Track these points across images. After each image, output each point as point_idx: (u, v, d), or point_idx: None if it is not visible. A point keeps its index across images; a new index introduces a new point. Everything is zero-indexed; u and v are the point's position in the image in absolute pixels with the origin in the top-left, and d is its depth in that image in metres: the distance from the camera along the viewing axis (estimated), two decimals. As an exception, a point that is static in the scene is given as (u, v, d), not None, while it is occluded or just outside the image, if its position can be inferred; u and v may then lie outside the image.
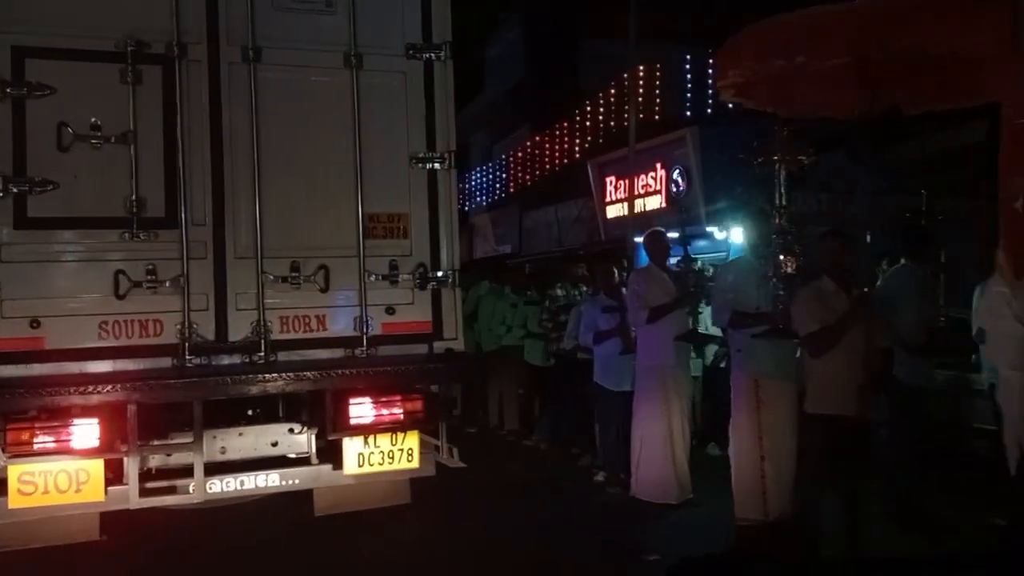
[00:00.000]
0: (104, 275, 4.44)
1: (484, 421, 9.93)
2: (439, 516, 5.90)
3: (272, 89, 4.73)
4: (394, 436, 4.91)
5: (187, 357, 4.53)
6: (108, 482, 4.46)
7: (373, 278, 4.86)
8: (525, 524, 6.01)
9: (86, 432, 4.35)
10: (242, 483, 4.73)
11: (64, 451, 4.34)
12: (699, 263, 8.84)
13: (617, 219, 17.22)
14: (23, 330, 4.33)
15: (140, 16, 4.52)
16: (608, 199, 17.75)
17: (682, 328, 6.54)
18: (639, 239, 8.44)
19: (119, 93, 4.45)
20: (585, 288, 8.72)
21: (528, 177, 22.55)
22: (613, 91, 18.48)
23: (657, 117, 17.35)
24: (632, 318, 6.61)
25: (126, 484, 4.44)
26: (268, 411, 5.06)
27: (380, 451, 4.89)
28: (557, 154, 20.94)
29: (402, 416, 4.88)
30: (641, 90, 16.70)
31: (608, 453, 7.02)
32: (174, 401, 4.49)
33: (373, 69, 4.89)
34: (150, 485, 4.52)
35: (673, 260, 7.10)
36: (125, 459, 4.45)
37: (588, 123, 19.54)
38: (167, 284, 4.51)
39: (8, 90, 4.31)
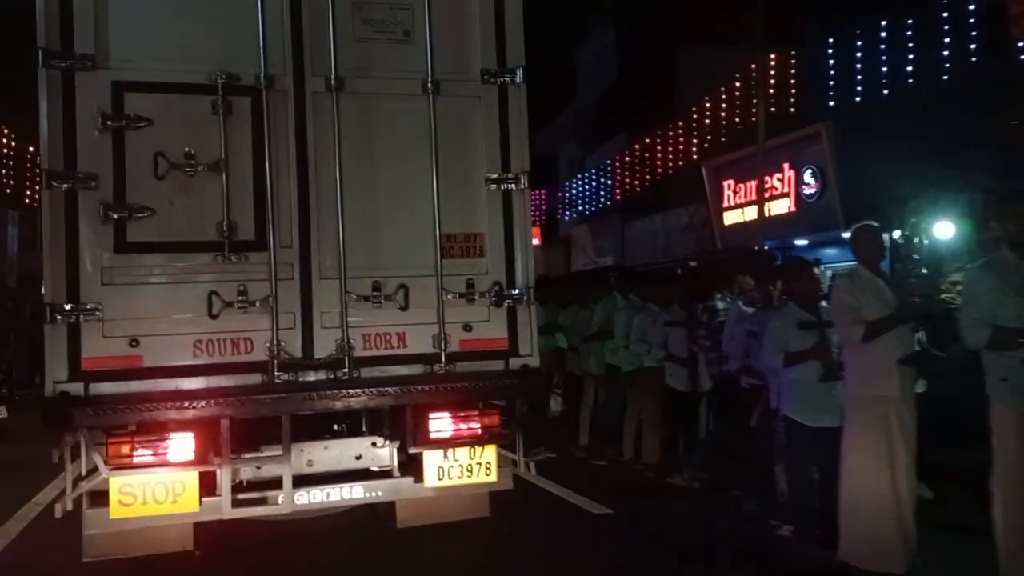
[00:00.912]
0: (198, 296, 4.66)
1: (615, 453, 8.99)
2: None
3: (354, 116, 4.92)
4: (472, 450, 5.04)
5: (276, 374, 4.72)
6: (202, 493, 4.67)
7: (450, 296, 5.00)
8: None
9: (182, 445, 4.57)
10: (328, 495, 4.91)
11: (161, 463, 4.56)
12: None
13: (736, 226, 16.48)
14: (123, 349, 4.56)
15: (230, 50, 4.75)
16: (726, 204, 16.80)
17: (907, 348, 5.24)
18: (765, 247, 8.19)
19: (211, 123, 4.68)
20: (732, 298, 7.67)
21: (632, 184, 21.80)
22: (738, 84, 17.23)
23: (792, 110, 16.09)
24: (842, 336, 5.41)
25: (219, 495, 4.64)
26: (352, 426, 5.25)
27: (459, 464, 5.02)
28: (664, 159, 19.92)
29: (480, 430, 5.01)
30: (772, 81, 15.61)
31: (799, 501, 5.96)
32: (264, 416, 4.68)
33: (450, 95, 5.05)
34: (242, 496, 4.72)
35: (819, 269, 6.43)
36: (218, 471, 4.65)
37: (705, 121, 18.21)
38: (257, 304, 4.71)
39: (109, 123, 4.55)
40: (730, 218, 16.61)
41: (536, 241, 27.92)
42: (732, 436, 7.02)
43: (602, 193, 23.93)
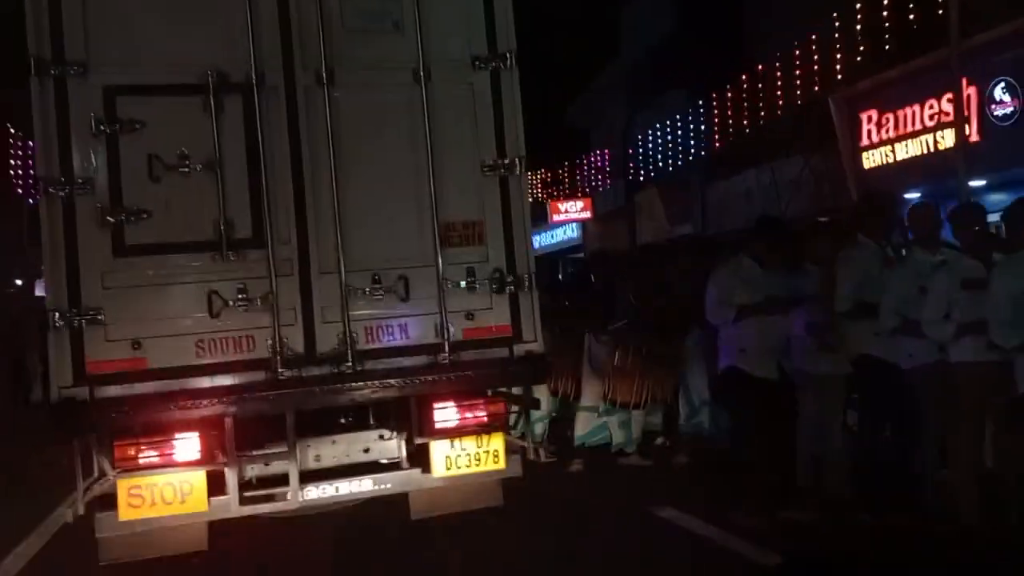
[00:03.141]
0: (198, 296, 4.67)
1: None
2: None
3: (346, 109, 4.90)
4: (479, 438, 5.02)
5: (279, 370, 4.72)
6: (210, 493, 4.68)
7: (451, 285, 4.97)
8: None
9: (187, 446, 4.60)
10: (337, 489, 4.91)
11: (168, 464, 4.58)
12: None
13: (879, 169, 12.80)
14: (126, 352, 4.58)
15: (220, 49, 4.75)
16: (865, 142, 12.98)
17: None
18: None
19: (203, 123, 4.68)
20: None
21: (713, 139, 18.05)
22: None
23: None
24: None
25: (227, 494, 4.66)
26: (359, 419, 5.23)
27: (467, 453, 5.01)
28: (753, 106, 16.24)
29: (486, 418, 5.00)
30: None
31: None
32: (268, 413, 4.69)
33: (441, 82, 5.02)
34: (249, 494, 4.73)
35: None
36: (225, 470, 4.67)
37: (838, 42, 13.51)
38: (257, 301, 4.71)
39: (102, 127, 4.56)
40: (871, 159, 12.86)
41: (587, 214, 26.41)
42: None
43: (670, 153, 20.30)
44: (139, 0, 4.72)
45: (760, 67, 15.74)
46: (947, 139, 11.26)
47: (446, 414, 4.94)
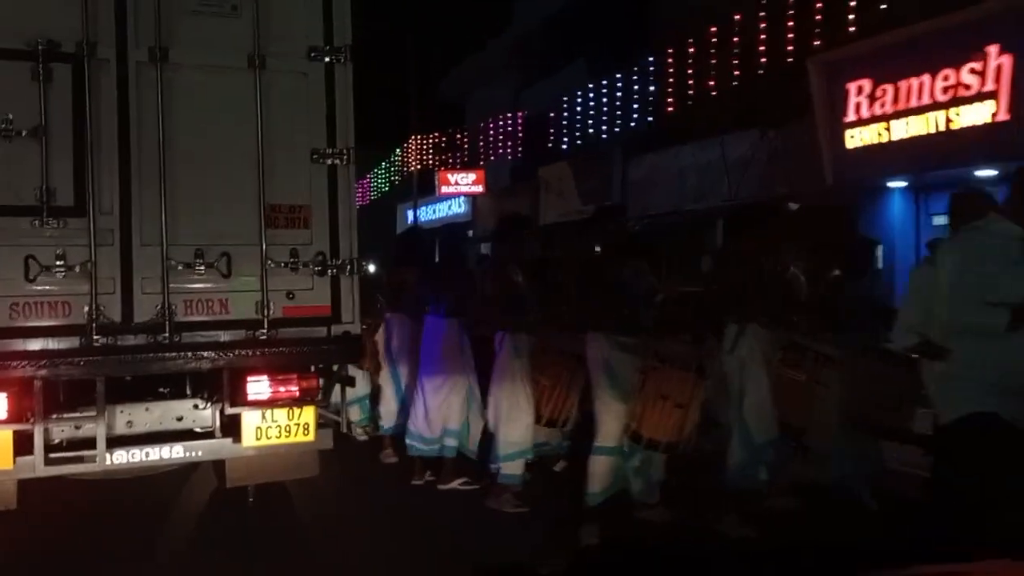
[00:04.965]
0: (15, 260, 4.73)
1: None
2: None
3: (178, 87, 5.03)
4: (291, 411, 5.27)
5: (94, 337, 4.85)
6: (18, 453, 4.78)
7: (273, 265, 5.18)
8: None
9: None
10: (147, 454, 5.07)
11: None
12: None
13: (866, 150, 10.61)
14: None
15: (51, 17, 4.79)
16: (851, 118, 10.79)
17: None
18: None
19: (30, 90, 4.73)
20: None
21: (646, 111, 15.47)
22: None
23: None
24: None
25: (33, 454, 4.77)
26: (178, 389, 5.39)
27: (277, 425, 5.25)
28: (698, 72, 13.60)
29: (298, 393, 5.25)
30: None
31: None
32: (77, 377, 4.81)
33: (275, 70, 5.20)
34: (56, 455, 4.86)
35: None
36: (34, 430, 4.78)
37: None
38: (76, 269, 4.81)
39: (-78, 86, 4.59)
40: (856, 138, 10.71)
41: (480, 188, 24.28)
42: None
43: (590, 124, 17.61)
44: None
45: (713, 28, 13.24)
46: (963, 117, 9.36)
47: (259, 387, 5.16)
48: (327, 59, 5.30)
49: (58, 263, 4.80)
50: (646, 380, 5.57)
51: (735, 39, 12.70)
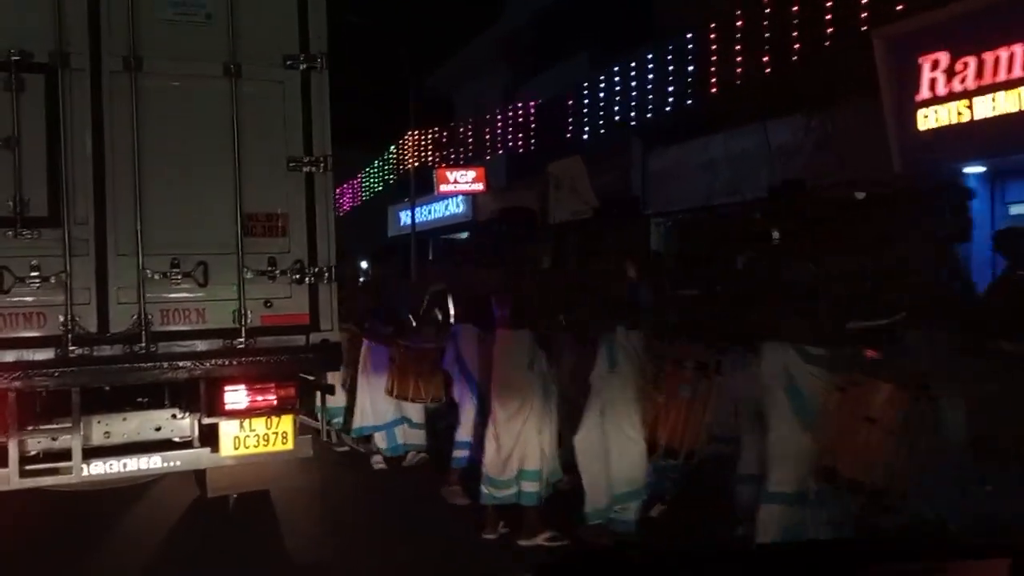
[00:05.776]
0: None
1: None
2: None
3: (153, 97, 5.01)
4: (269, 420, 5.25)
5: (70, 347, 4.82)
6: None
7: (251, 274, 5.17)
8: None
9: None
10: (124, 465, 5.05)
11: None
12: None
13: (942, 131, 9.29)
14: None
15: (24, 27, 4.78)
16: (926, 95, 9.37)
17: None
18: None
19: (3, 100, 4.71)
20: None
21: (662, 102, 14.21)
22: None
23: None
24: None
25: (8, 467, 4.74)
26: (156, 399, 5.37)
27: (256, 434, 5.23)
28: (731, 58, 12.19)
29: (275, 401, 5.23)
30: None
31: None
32: (51, 388, 4.78)
33: (251, 78, 5.19)
34: (31, 467, 4.83)
35: None
36: (9, 443, 4.75)
37: None
38: (51, 280, 4.78)
39: None
40: (932, 119, 9.33)
41: (480, 186, 22.96)
42: None
43: (602, 114, 16.36)
44: None
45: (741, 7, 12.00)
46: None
47: (236, 396, 5.14)
48: (303, 67, 5.30)
49: (32, 274, 4.77)
50: (843, 400, 4.35)
51: (764, 22, 11.64)
